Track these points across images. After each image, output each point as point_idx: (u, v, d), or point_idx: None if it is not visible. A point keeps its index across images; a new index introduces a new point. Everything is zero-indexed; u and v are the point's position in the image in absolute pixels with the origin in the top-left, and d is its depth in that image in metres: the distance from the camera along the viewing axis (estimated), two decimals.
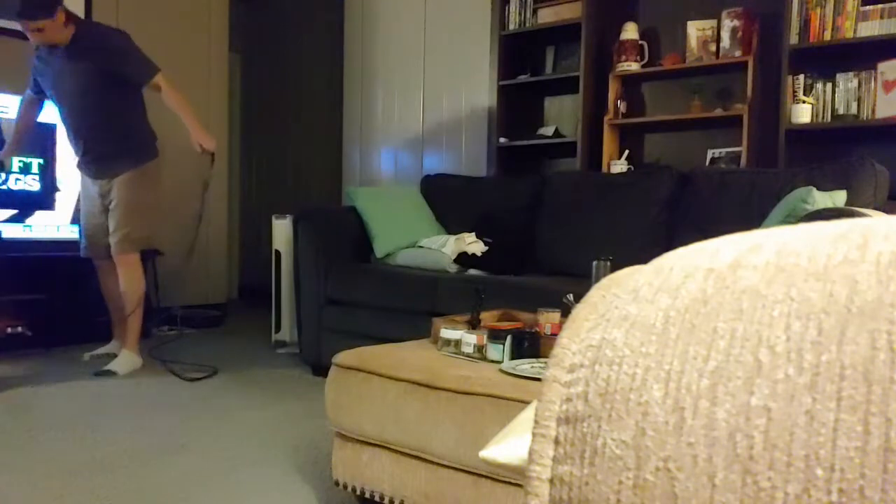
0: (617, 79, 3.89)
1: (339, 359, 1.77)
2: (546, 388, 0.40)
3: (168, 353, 3.67)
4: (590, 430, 0.36)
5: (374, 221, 3.47)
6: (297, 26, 5.86)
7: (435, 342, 1.93)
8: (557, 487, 0.37)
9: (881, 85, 3.13)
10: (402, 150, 4.95)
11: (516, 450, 0.50)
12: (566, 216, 3.29)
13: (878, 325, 0.30)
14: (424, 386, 1.58)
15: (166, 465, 2.11)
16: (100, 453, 2.21)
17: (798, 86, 3.31)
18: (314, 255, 3.35)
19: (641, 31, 3.87)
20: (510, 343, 1.73)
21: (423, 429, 1.57)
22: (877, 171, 2.59)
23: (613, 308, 0.39)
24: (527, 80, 4.18)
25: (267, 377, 3.30)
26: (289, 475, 2.04)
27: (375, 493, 1.71)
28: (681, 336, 0.35)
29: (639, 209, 3.08)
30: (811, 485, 0.29)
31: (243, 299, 6.04)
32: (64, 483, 1.96)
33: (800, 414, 0.30)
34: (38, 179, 3.99)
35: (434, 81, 4.73)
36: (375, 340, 2.18)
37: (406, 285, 3.05)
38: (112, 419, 2.58)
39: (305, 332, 3.41)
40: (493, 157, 4.29)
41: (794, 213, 2.20)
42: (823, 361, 0.30)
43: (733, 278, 0.35)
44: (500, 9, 4.20)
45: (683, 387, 0.33)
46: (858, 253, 0.32)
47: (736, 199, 2.84)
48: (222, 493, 1.91)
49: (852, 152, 3.27)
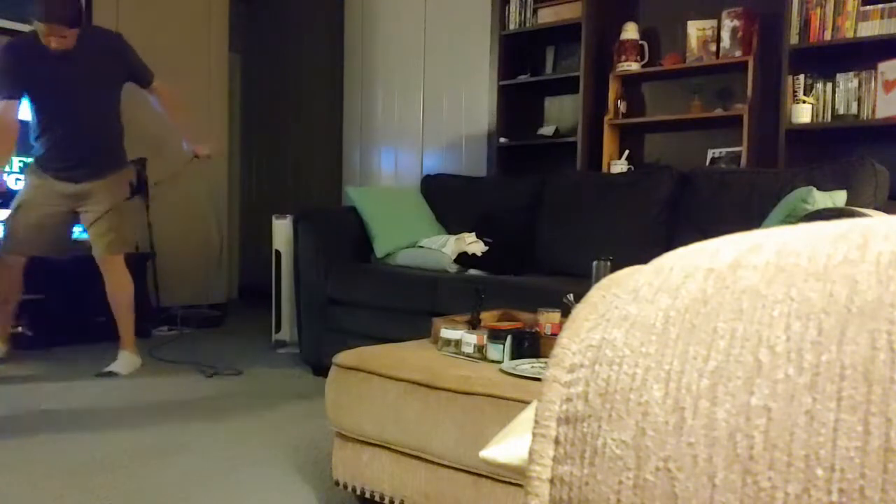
0: (617, 79, 3.89)
1: (339, 359, 1.77)
2: (546, 388, 0.40)
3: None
4: (590, 430, 0.36)
5: (374, 221, 3.47)
6: (297, 26, 5.86)
7: (435, 342, 1.93)
8: (557, 487, 0.37)
9: (881, 85, 3.13)
10: (402, 150, 4.95)
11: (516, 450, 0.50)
12: (566, 216, 3.29)
13: (878, 325, 0.30)
14: (424, 386, 1.58)
15: (166, 465, 2.11)
16: (100, 453, 2.21)
17: (798, 86, 3.31)
18: (314, 255, 3.35)
19: (641, 31, 3.87)
20: (510, 343, 1.73)
21: (423, 429, 1.57)
22: (877, 171, 2.59)
23: (613, 308, 0.39)
24: (527, 80, 4.18)
25: (267, 377, 3.30)
26: (289, 475, 2.04)
27: (375, 493, 1.72)
28: (681, 336, 0.35)
29: (639, 209, 3.08)
30: (811, 485, 0.29)
31: (243, 299, 6.04)
32: (64, 483, 1.96)
33: (800, 414, 0.30)
34: None
35: (434, 81, 4.73)
36: (375, 340, 2.18)
37: (406, 285, 3.05)
38: (112, 419, 2.58)
39: (305, 332, 3.41)
40: (493, 157, 4.29)
41: (794, 213, 2.20)
42: (823, 361, 0.30)
43: (733, 278, 0.35)
44: (500, 9, 4.20)
45: (683, 387, 0.33)
46: (858, 253, 0.32)
47: (736, 199, 2.84)
48: (222, 493, 1.91)
49: (852, 152, 3.27)
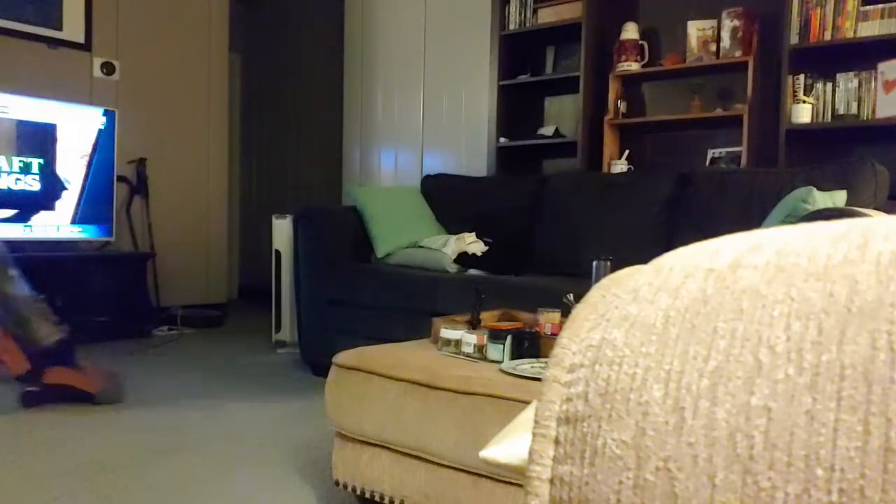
0: (617, 79, 3.89)
1: (339, 359, 1.77)
2: (546, 388, 0.40)
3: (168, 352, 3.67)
4: (590, 430, 0.36)
5: (374, 221, 3.47)
6: (297, 26, 5.86)
7: (435, 342, 1.93)
8: (557, 487, 0.37)
9: (881, 85, 3.13)
10: (402, 150, 4.95)
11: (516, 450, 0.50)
12: (566, 216, 3.29)
13: (878, 325, 0.30)
14: (424, 386, 1.58)
15: (166, 465, 2.11)
16: (100, 453, 2.21)
17: (798, 86, 3.31)
18: (314, 255, 3.35)
19: (641, 30, 3.88)
20: (510, 343, 1.73)
21: (423, 429, 1.57)
22: (877, 171, 2.59)
23: (613, 308, 0.39)
24: (527, 80, 4.18)
25: (267, 377, 3.30)
26: (289, 475, 2.04)
27: (375, 493, 1.71)
28: (681, 336, 0.35)
29: (639, 209, 3.08)
30: (811, 485, 0.29)
31: (243, 299, 6.04)
32: (64, 483, 1.96)
33: (800, 414, 0.30)
34: (38, 179, 3.99)
35: (434, 81, 4.73)
36: (375, 340, 2.18)
37: (406, 285, 3.05)
38: (112, 419, 2.58)
39: (305, 332, 3.41)
40: (493, 157, 4.29)
41: (794, 213, 2.20)
42: (823, 361, 0.30)
43: (733, 278, 0.35)
44: (500, 9, 4.20)
45: (683, 387, 0.33)
46: (858, 253, 0.32)
47: (736, 199, 2.84)
48: (222, 493, 1.91)
49: (852, 152, 3.27)
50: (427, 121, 4.80)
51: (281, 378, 3.29)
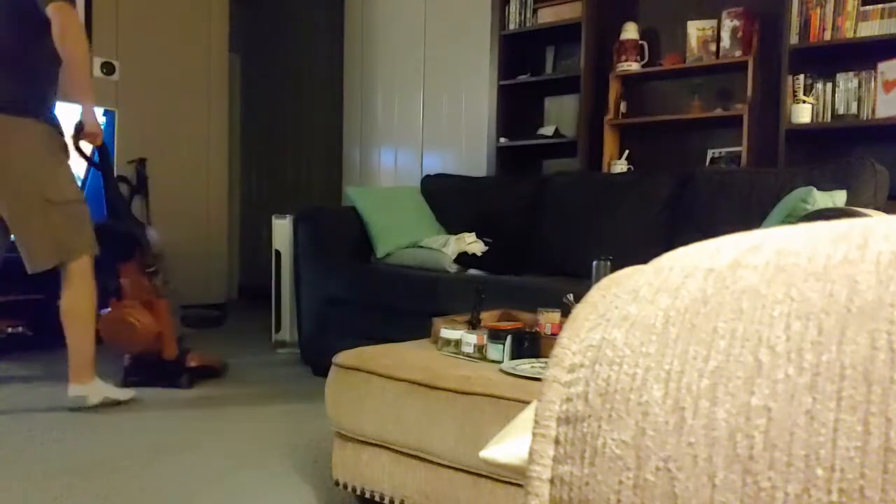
0: (617, 79, 3.89)
1: (339, 359, 1.77)
2: (546, 388, 0.40)
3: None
4: (590, 430, 0.36)
5: (374, 221, 3.47)
6: (297, 26, 5.86)
7: (435, 342, 1.93)
8: (557, 487, 0.37)
9: (881, 85, 3.13)
10: (402, 150, 4.95)
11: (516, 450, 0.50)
12: (566, 216, 3.29)
13: (878, 325, 0.30)
14: (424, 386, 1.58)
15: (166, 465, 2.11)
16: (100, 453, 2.21)
17: (798, 86, 3.30)
18: (314, 255, 3.34)
19: (641, 31, 3.87)
20: (510, 343, 1.73)
21: (423, 429, 1.57)
22: (877, 171, 2.58)
23: (613, 308, 0.39)
24: (527, 80, 4.18)
25: (267, 377, 3.30)
26: (289, 475, 2.04)
27: (375, 492, 1.71)
28: (681, 336, 0.35)
29: (639, 209, 3.08)
30: (811, 485, 0.29)
31: (243, 299, 6.04)
32: (64, 483, 1.96)
33: (800, 414, 0.30)
34: None
35: (434, 81, 4.73)
36: (376, 340, 2.18)
37: (406, 285, 3.05)
38: (112, 419, 2.58)
39: (305, 332, 3.41)
40: (493, 157, 4.29)
41: (794, 213, 2.20)
42: (823, 361, 0.30)
43: (733, 278, 0.35)
44: (500, 9, 4.20)
45: (683, 387, 0.33)
46: (858, 253, 0.32)
47: (736, 199, 2.84)
48: (222, 493, 1.91)
49: (852, 152, 3.27)
50: (427, 121, 4.80)
51: (281, 378, 3.29)
